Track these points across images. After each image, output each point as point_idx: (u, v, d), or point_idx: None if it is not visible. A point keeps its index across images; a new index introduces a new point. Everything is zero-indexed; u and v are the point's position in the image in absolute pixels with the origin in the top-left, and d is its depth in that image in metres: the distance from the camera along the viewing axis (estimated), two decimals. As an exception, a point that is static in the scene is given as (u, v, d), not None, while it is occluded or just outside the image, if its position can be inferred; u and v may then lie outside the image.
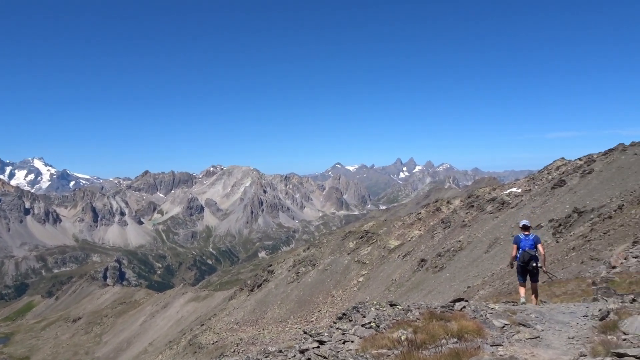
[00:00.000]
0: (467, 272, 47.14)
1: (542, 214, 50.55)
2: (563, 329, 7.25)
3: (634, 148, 52.28)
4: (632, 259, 22.98)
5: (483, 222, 60.63)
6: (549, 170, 68.36)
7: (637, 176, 43.07)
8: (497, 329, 6.61)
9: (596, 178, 50.77)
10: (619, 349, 4.49)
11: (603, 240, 30.29)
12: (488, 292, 32.85)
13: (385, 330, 6.81)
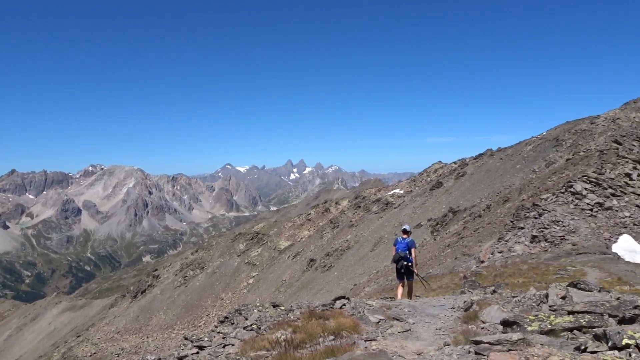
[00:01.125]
0: (354, 271, 48.84)
1: (422, 213, 53.96)
2: (432, 321, 7.74)
3: (500, 153, 57.76)
4: (497, 253, 25.25)
5: (369, 222, 63.26)
6: (428, 173, 73.27)
7: (503, 178, 47.54)
8: (372, 325, 6.88)
9: (468, 180, 55.30)
10: (477, 337, 4.87)
11: (474, 237, 32.80)
12: (373, 289, 34.27)
13: (265, 332, 6.75)
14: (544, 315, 5.17)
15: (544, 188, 31.34)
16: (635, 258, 21.49)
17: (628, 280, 14.98)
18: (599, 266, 17.27)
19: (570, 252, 21.29)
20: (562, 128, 51.50)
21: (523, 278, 16.08)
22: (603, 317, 4.89)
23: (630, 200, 26.54)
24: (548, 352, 3.86)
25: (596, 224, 25.01)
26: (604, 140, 37.73)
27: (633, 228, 24.86)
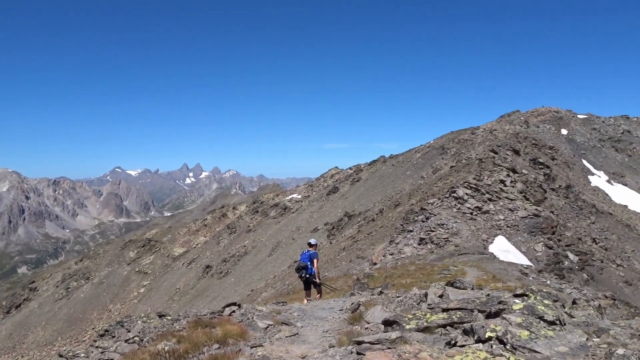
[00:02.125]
0: (251, 276, 48.37)
1: (319, 217, 54.90)
2: (320, 323, 7.88)
3: (392, 160, 60.57)
4: (389, 255, 26.32)
5: (267, 227, 63.11)
6: (325, 178, 74.85)
7: (395, 184, 49.86)
8: (261, 330, 6.83)
9: (363, 185, 57.30)
10: (359, 338, 5.01)
11: (367, 240, 33.88)
12: (270, 294, 34.12)
13: (148, 344, 6.40)
14: (422, 314, 5.45)
15: (431, 193, 33.25)
16: (508, 257, 23.55)
17: (501, 277, 16.35)
18: (477, 265, 18.64)
19: (453, 253, 22.71)
20: (447, 137, 55.24)
21: (411, 278, 16.89)
22: (473, 313, 5.27)
23: (504, 204, 28.98)
24: (419, 348, 4.06)
25: (475, 227, 26.95)
26: (482, 149, 41.09)
27: (507, 230, 27.15)
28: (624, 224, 38.52)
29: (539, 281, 18.21)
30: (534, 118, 59.16)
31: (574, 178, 45.55)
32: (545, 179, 38.49)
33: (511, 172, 34.08)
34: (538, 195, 32.99)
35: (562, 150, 51.46)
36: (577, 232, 31.39)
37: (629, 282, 28.59)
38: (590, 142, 56.05)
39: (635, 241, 36.22)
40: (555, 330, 4.37)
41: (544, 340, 4.14)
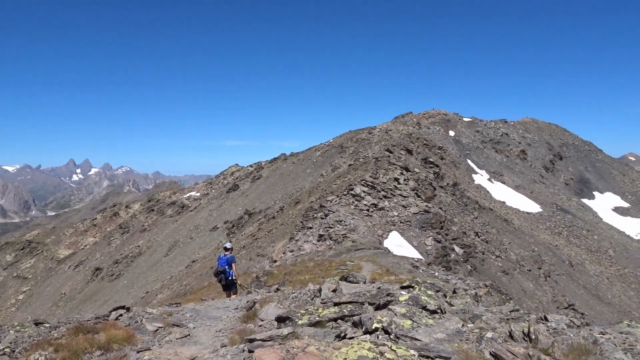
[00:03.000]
0: (146, 277, 46.21)
1: (219, 216, 53.86)
2: (214, 323, 7.73)
3: (293, 158, 61.07)
4: (289, 252, 26.47)
5: (163, 226, 60.67)
6: (225, 175, 73.58)
7: (295, 182, 50.31)
8: (150, 334, 6.54)
9: (264, 183, 57.15)
10: (252, 335, 4.99)
11: (268, 238, 33.84)
12: (166, 295, 32.83)
13: (20, 355, 5.82)
14: (314, 309, 5.54)
15: (330, 191, 33.98)
16: (401, 251, 24.72)
17: (394, 270, 17.12)
18: (372, 260, 19.35)
19: (350, 249, 23.36)
20: (345, 136, 56.83)
21: (309, 274, 17.12)
22: (364, 306, 5.46)
23: (398, 201, 30.36)
24: (307, 342, 4.12)
25: (372, 223, 27.94)
26: (379, 148, 42.77)
27: (400, 225, 28.46)
28: (503, 219, 42.16)
29: (428, 273, 19.31)
30: (425, 120, 62.81)
31: (460, 176, 49.01)
32: (435, 177, 40.98)
33: (404, 170, 35.83)
34: (428, 193, 35.04)
35: (450, 150, 55.16)
36: (462, 227, 33.75)
37: (506, 271, 31.36)
38: (474, 143, 60.67)
39: (512, 234, 39.80)
40: (435, 318, 4.67)
41: (425, 328, 4.41)
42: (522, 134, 68.29)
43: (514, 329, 4.32)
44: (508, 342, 4.16)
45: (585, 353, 3.86)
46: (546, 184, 58.37)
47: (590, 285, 37.86)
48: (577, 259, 41.90)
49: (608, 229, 53.38)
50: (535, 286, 32.46)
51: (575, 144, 72.83)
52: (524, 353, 3.85)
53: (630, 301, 38.79)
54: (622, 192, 64.53)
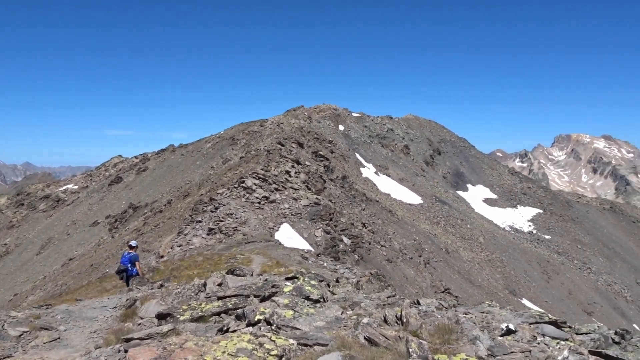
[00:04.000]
0: (14, 278, 42.07)
1: (99, 210, 50.50)
2: (88, 324, 7.26)
3: (182, 149, 59.03)
4: (176, 247, 25.63)
5: (35, 222, 55.56)
6: (107, 167, 69.06)
7: (184, 174, 48.70)
8: (12, 339, 5.95)
9: (150, 175, 54.58)
10: (128, 335, 4.77)
11: (154, 233, 32.49)
12: (38, 297, 30.20)
13: None
14: (197, 304, 5.43)
15: (220, 183, 33.41)
16: (292, 243, 25.05)
17: (284, 262, 17.31)
18: (263, 252, 19.39)
19: (241, 242, 23.21)
20: (237, 128, 56.14)
21: (198, 269, 16.73)
22: (249, 298, 5.46)
23: (289, 194, 30.67)
24: (185, 338, 4.05)
25: (263, 215, 27.97)
26: (270, 141, 42.83)
27: (291, 218, 28.80)
28: (388, 210, 44.42)
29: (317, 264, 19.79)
30: (316, 114, 64.08)
31: (349, 170, 50.75)
32: (325, 170, 42.03)
33: (296, 163, 36.28)
34: (318, 185, 35.84)
35: (340, 144, 56.87)
36: (350, 218, 35.02)
37: (390, 260, 33.13)
38: (362, 137, 63.14)
39: (396, 224, 42.09)
40: (317, 307, 4.82)
41: (306, 317, 4.53)
42: (405, 130, 72.36)
43: (388, 314, 4.61)
44: (382, 327, 4.43)
45: (448, 332, 4.23)
46: (426, 177, 62.50)
47: (464, 270, 41.28)
48: (453, 247, 45.46)
49: (479, 218, 58.56)
50: (416, 273, 34.65)
51: (452, 140, 78.79)
52: (395, 335, 4.12)
53: (497, 283, 42.96)
54: (491, 184, 71.13)
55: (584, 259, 56.40)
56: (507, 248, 51.51)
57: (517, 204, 66.99)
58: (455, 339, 4.18)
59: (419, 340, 4.03)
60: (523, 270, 48.12)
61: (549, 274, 49.39)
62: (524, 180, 78.21)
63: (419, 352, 3.81)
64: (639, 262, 65.19)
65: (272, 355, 3.80)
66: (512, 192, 70.14)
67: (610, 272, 55.62)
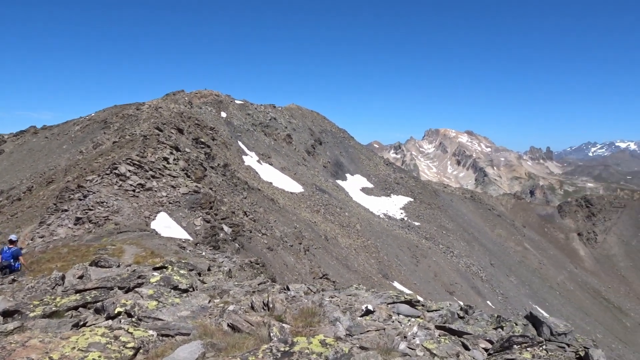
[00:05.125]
0: None
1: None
2: None
3: (45, 131, 53.85)
4: (38, 238, 23.46)
5: None
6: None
7: (48, 159, 44.55)
8: None
9: (7, 159, 49.11)
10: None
11: (11, 223, 29.57)
12: None
13: None
14: (51, 299, 5.04)
15: (90, 169, 31.20)
16: (169, 233, 24.19)
17: (160, 252, 16.68)
18: (136, 243, 18.50)
19: (113, 232, 21.95)
20: (110, 111, 52.55)
21: (62, 262, 15.53)
22: (112, 290, 5.18)
23: (167, 181, 29.53)
24: (29, 336, 3.74)
25: (138, 204, 26.64)
26: (147, 126, 40.72)
27: (169, 206, 27.79)
28: (270, 198, 44.69)
29: (195, 253, 19.37)
30: (198, 99, 62.22)
31: (230, 157, 50.10)
32: (206, 158, 41.03)
33: (175, 150, 34.96)
34: (199, 173, 34.94)
35: (222, 131, 55.86)
36: (231, 207, 34.66)
37: (271, 247, 33.45)
38: (244, 125, 62.62)
39: (277, 212, 42.51)
40: (183, 297, 4.73)
41: (170, 307, 4.42)
42: (288, 119, 73.14)
43: (255, 300, 4.67)
44: (248, 313, 4.48)
45: (312, 315, 4.42)
46: (308, 166, 63.88)
47: (341, 256, 43.02)
48: (332, 234, 47.12)
49: (356, 206, 61.31)
50: (295, 260, 35.39)
51: (332, 130, 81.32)
52: (259, 321, 4.20)
53: (371, 268, 45.43)
54: (368, 174, 74.75)
55: (448, 243, 61.76)
56: (381, 234, 54.59)
57: (391, 193, 71.25)
58: (318, 322, 4.37)
59: (281, 324, 4.15)
60: (395, 255, 51.41)
61: (417, 258, 53.32)
62: (398, 171, 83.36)
63: (280, 335, 3.93)
64: (492, 245, 73.07)
65: (127, 348, 3.64)
66: (386, 181, 74.38)
67: (470, 255, 61.59)
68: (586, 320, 63.71)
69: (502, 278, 61.75)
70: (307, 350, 3.64)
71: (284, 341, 3.82)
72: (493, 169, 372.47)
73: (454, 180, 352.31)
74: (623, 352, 56.59)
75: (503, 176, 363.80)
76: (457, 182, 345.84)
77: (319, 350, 3.68)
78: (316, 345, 3.73)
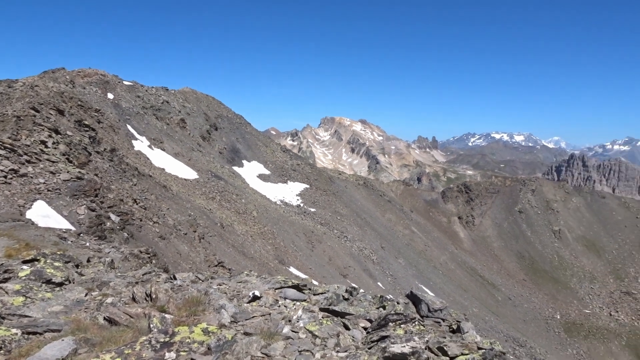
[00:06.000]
0: None
1: None
2: None
3: None
4: None
5: None
6: None
7: None
8: None
9: None
10: None
11: None
12: None
13: None
14: None
15: (-49, 153, 27.73)
16: (48, 222, 22.35)
17: (37, 244, 15.38)
18: (8, 234, 16.93)
19: (-21, 223, 19.92)
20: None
21: None
22: (-28, 288, 4.69)
23: (45, 167, 27.22)
24: None
25: (10, 191, 24.33)
26: (21, 106, 36.98)
27: (47, 194, 25.66)
28: (162, 185, 42.96)
29: (78, 244, 18.19)
30: (81, 79, 57.72)
31: (118, 142, 47.28)
32: (91, 142, 38.32)
33: (54, 133, 32.22)
34: (82, 158, 32.57)
35: (108, 114, 52.44)
36: (119, 194, 32.80)
37: (163, 236, 32.24)
38: (134, 108, 59.32)
39: (170, 200, 41.03)
40: (56, 291, 4.41)
41: (40, 303, 4.11)
42: (182, 103, 70.55)
43: (137, 292, 4.48)
44: (128, 305, 4.30)
45: (196, 304, 4.35)
46: (203, 152, 62.26)
47: (238, 244, 42.69)
48: (228, 221, 46.53)
49: (253, 193, 61.06)
50: (190, 248, 34.50)
51: (228, 116, 79.91)
52: (140, 313, 4.05)
53: (268, 254, 45.63)
54: (265, 161, 74.66)
55: (342, 228, 63.84)
56: (277, 221, 54.97)
57: (288, 180, 71.88)
58: (203, 310, 4.32)
59: (163, 315, 4.03)
60: (291, 240, 52.10)
61: (313, 243, 54.52)
62: (294, 158, 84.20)
63: (161, 326, 3.82)
64: (383, 229, 76.84)
65: (-16, 349, 3.33)
66: (283, 168, 74.86)
67: (362, 239, 64.22)
68: (464, 296, 69.56)
69: (391, 260, 65.25)
70: (188, 340, 3.58)
71: (164, 332, 3.71)
72: (384, 157, 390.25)
73: (348, 168, 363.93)
74: (495, 324, 62.66)
75: (393, 164, 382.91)
76: (351, 169, 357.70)
77: (201, 338, 3.64)
78: (198, 334, 3.68)
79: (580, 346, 70.94)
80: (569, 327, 75.33)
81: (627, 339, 71.87)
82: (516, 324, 69.64)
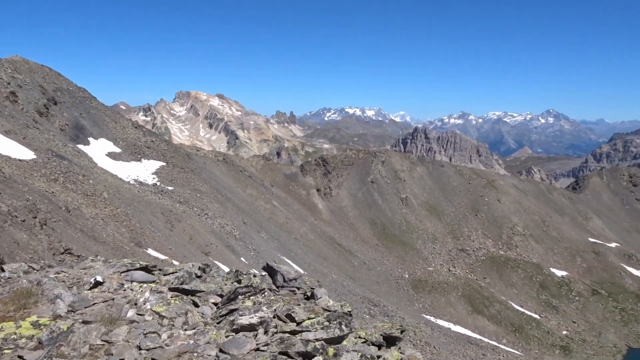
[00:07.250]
0: None
1: None
2: None
3: None
4: None
5: None
6: None
7: None
8: None
9: None
10: None
11: None
12: None
13: None
14: None
15: None
16: None
17: None
18: None
19: None
20: None
21: None
22: None
23: None
24: None
25: None
26: None
27: None
28: (-10, 168, 37.85)
29: None
30: None
31: None
32: None
33: None
34: None
35: None
36: None
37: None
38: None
39: (3, 184, 36.35)
40: None
41: None
42: (11, 74, 62.24)
43: (-49, 289, 3.95)
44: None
45: (27, 296, 3.97)
46: (40, 129, 55.96)
47: (87, 228, 39.51)
48: (74, 204, 42.70)
49: (102, 173, 56.70)
50: (29, 236, 31.10)
51: (70, 89, 72.54)
52: (-47, 313, 3.59)
53: (122, 237, 42.99)
54: (114, 138, 69.57)
55: (202, 206, 62.51)
56: (132, 201, 51.92)
57: (142, 158, 67.99)
58: (35, 302, 3.95)
59: (-16, 312, 3.62)
60: (148, 221, 49.63)
61: (172, 223, 52.59)
62: (148, 134, 79.76)
63: (-19, 325, 3.42)
64: (244, 204, 76.93)
65: None
66: (136, 145, 70.55)
67: (223, 216, 63.63)
68: (324, 264, 73.11)
69: (254, 235, 65.80)
70: (14, 336, 3.24)
71: (-16, 330, 3.32)
72: (244, 132, 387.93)
73: (206, 144, 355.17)
74: (352, 287, 66.98)
75: (253, 139, 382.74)
76: (209, 145, 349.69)
77: (30, 333, 3.32)
78: (27, 328, 3.35)
79: (425, 300, 79.26)
80: (416, 284, 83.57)
81: (462, 290, 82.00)
82: (371, 286, 75.27)
